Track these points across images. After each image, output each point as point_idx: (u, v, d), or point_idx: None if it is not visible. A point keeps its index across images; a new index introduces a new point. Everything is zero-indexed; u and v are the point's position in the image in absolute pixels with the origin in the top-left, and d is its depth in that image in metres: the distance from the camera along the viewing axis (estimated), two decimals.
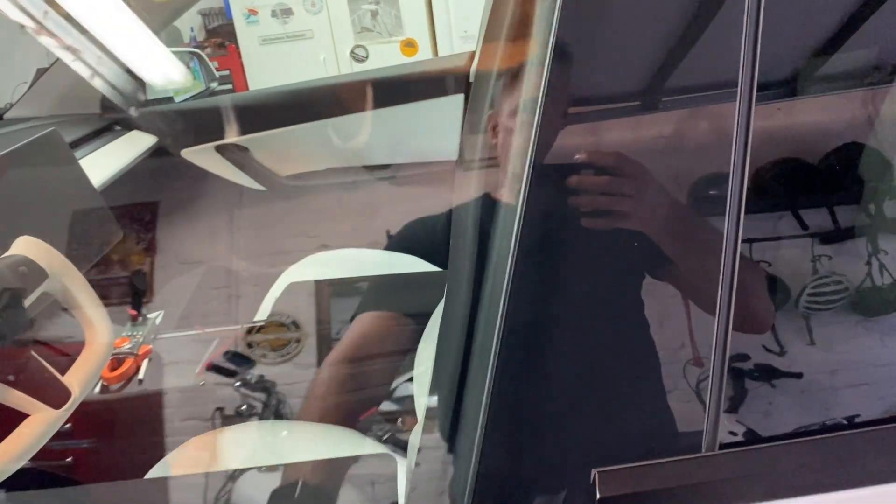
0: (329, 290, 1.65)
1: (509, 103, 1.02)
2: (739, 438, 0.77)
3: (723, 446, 0.73)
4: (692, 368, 0.80)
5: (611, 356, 0.77)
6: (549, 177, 0.71)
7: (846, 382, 0.96)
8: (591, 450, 0.73)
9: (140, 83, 1.65)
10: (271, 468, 1.15)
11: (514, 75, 1.01)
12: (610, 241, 0.74)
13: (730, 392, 0.99)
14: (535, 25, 0.73)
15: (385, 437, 1.39)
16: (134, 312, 1.52)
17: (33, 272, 0.90)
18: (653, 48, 0.73)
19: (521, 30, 0.87)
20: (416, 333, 1.26)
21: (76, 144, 1.67)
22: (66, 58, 1.39)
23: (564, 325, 0.74)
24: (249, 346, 1.59)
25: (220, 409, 1.50)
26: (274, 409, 1.48)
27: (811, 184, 0.98)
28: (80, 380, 0.91)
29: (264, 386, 1.48)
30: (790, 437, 0.79)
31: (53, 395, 0.88)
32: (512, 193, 1.07)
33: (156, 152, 1.73)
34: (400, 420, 1.39)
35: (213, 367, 1.46)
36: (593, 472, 0.71)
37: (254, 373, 1.49)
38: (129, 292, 1.58)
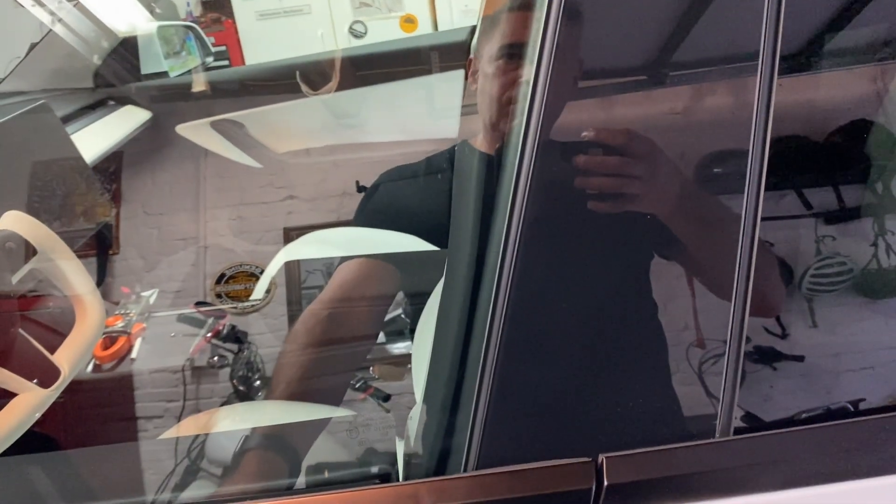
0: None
1: (490, 46, 0.97)
2: (741, 424, 0.75)
3: (738, 431, 0.71)
4: (695, 351, 0.79)
5: (617, 338, 0.75)
6: (552, 153, 0.68)
7: (850, 366, 0.95)
8: (598, 434, 0.71)
9: (105, 30, 1.61)
10: None
11: (498, 15, 0.97)
12: (617, 220, 0.71)
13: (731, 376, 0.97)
14: None
15: (357, 385, 1.37)
16: (127, 290, 1.50)
17: (21, 248, 0.88)
18: (662, 18, 0.70)
19: None
20: (400, 283, 1.21)
21: (69, 119, 1.65)
22: (26, 2, 1.36)
23: (570, 305, 0.72)
24: (219, 296, 1.57)
25: (190, 359, 1.50)
26: (245, 361, 1.46)
27: (816, 162, 0.96)
28: (70, 359, 0.89)
29: (236, 336, 1.46)
30: (805, 423, 0.77)
31: (42, 374, 0.87)
32: (490, 146, 1.03)
33: (149, 127, 1.71)
34: (371, 368, 1.36)
35: (211, 343, 1.45)
36: (601, 457, 0.69)
37: (225, 323, 1.48)
38: (94, 244, 1.57)
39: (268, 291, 1.49)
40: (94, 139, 1.58)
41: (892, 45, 0.94)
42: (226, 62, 3.04)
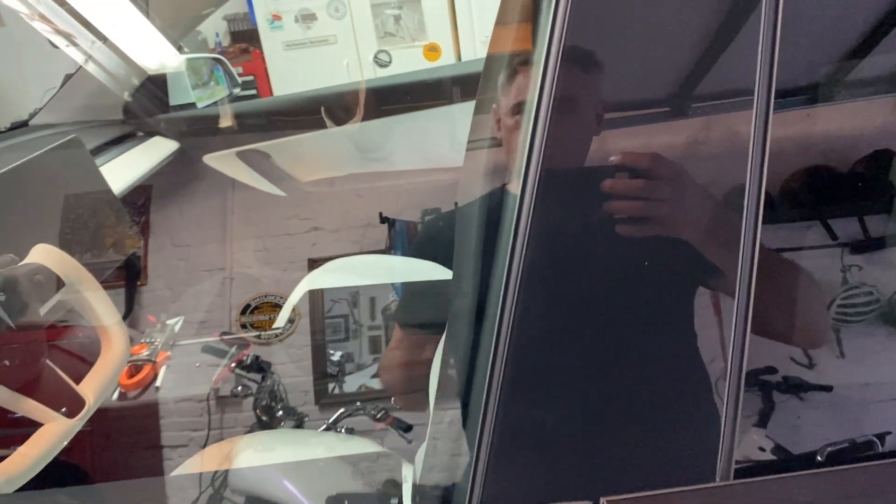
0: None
1: (508, 100, 0.99)
2: (763, 458, 0.74)
3: (739, 474, 0.69)
4: (723, 384, 0.77)
5: (646, 373, 0.74)
6: (573, 181, 0.68)
7: (878, 397, 0.93)
8: (601, 476, 0.69)
9: (135, 68, 1.66)
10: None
11: (514, 70, 0.98)
12: (645, 250, 0.71)
13: (758, 405, 0.96)
14: (540, 24, 0.70)
15: (378, 416, 1.37)
16: (153, 318, 1.53)
17: (49, 281, 0.90)
18: (672, 53, 0.70)
19: (527, 20, 0.84)
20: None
21: (99, 150, 1.69)
22: (60, 43, 1.40)
23: (577, 342, 0.71)
24: (243, 326, 1.59)
25: (214, 389, 1.51)
26: (268, 391, 1.47)
27: (840, 193, 0.94)
28: (95, 389, 0.91)
29: (259, 366, 1.47)
30: (812, 467, 0.75)
31: (68, 404, 0.88)
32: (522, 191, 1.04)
33: (177, 158, 1.74)
34: (393, 399, 1.36)
35: (234, 372, 1.46)
36: (602, 500, 0.68)
37: (249, 353, 1.49)
38: (123, 275, 1.60)
39: (291, 322, 1.50)
40: (123, 171, 1.61)
41: None
42: (253, 91, 3.10)
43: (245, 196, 1.88)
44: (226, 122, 1.72)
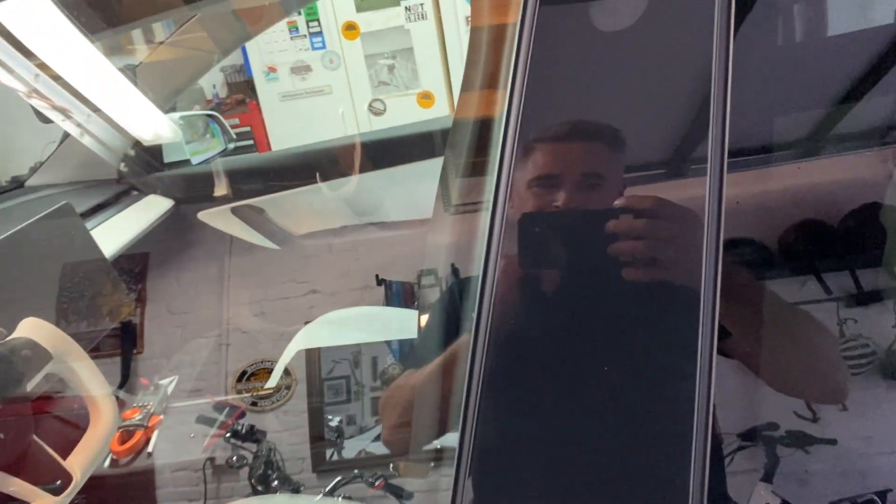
0: None
1: (523, 173, 0.98)
2: None
3: None
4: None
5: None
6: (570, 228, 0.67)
7: (881, 449, 0.92)
8: None
9: (131, 140, 1.68)
10: None
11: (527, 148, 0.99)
12: (649, 300, 0.69)
13: (762, 460, 0.94)
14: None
15: (373, 481, 1.34)
16: (146, 381, 1.51)
17: (37, 354, 0.90)
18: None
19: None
20: None
21: (94, 211, 1.69)
22: (57, 118, 1.42)
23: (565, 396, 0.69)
24: (240, 394, 1.56)
25: (210, 459, 1.48)
26: (264, 460, 1.44)
27: (832, 247, 0.94)
28: (83, 463, 0.89)
29: (255, 436, 1.44)
30: None
31: (55, 480, 0.86)
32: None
33: (172, 216, 1.75)
34: (392, 465, 1.33)
35: (224, 437, 1.44)
36: None
37: (244, 423, 1.47)
38: (119, 344, 1.59)
39: (287, 388, 1.48)
40: (119, 231, 1.61)
41: None
42: (251, 142, 3.13)
43: (242, 261, 1.88)
44: (220, 188, 1.73)
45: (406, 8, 3.01)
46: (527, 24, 0.62)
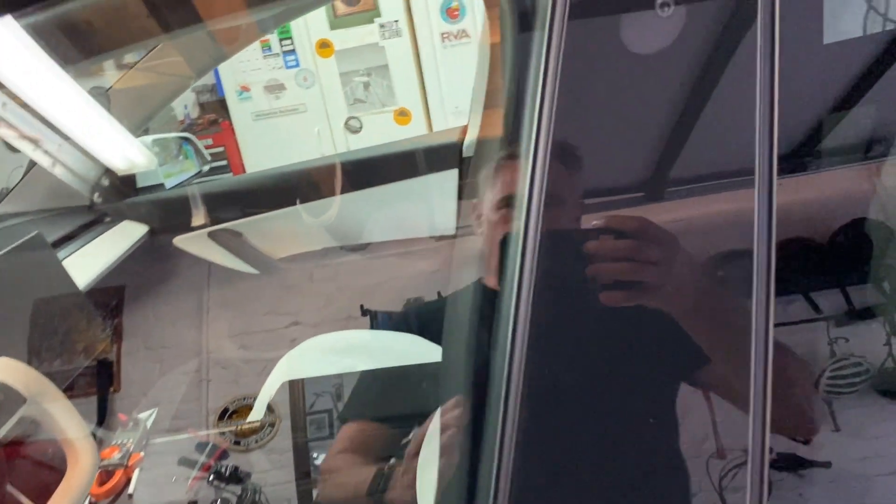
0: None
1: (492, 193, 0.97)
2: None
3: None
4: (715, 463, 0.74)
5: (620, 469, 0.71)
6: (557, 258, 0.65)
7: (879, 470, 0.91)
8: None
9: (104, 169, 1.63)
10: None
11: (498, 167, 0.97)
12: (633, 334, 0.66)
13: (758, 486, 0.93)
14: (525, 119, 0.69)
15: None
16: (124, 417, 1.46)
17: (10, 398, 0.86)
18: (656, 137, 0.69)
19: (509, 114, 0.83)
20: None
21: (67, 239, 1.64)
22: (27, 148, 1.37)
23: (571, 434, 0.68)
24: (222, 433, 1.51)
25: (193, 503, 1.43)
26: (249, 502, 1.39)
27: (821, 265, 0.94)
28: None
29: (238, 477, 1.39)
30: None
31: None
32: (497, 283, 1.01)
33: (147, 242, 1.71)
34: None
35: (207, 479, 1.39)
36: None
37: (227, 464, 1.41)
38: (95, 382, 1.54)
39: (272, 426, 1.44)
40: (91, 260, 1.57)
41: (884, 142, 0.94)
42: (224, 162, 3.09)
43: (221, 292, 1.84)
44: (197, 212, 1.69)
45: (380, 25, 3.00)
46: (554, 39, 0.60)
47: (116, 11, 0.77)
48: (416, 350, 1.42)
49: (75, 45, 0.92)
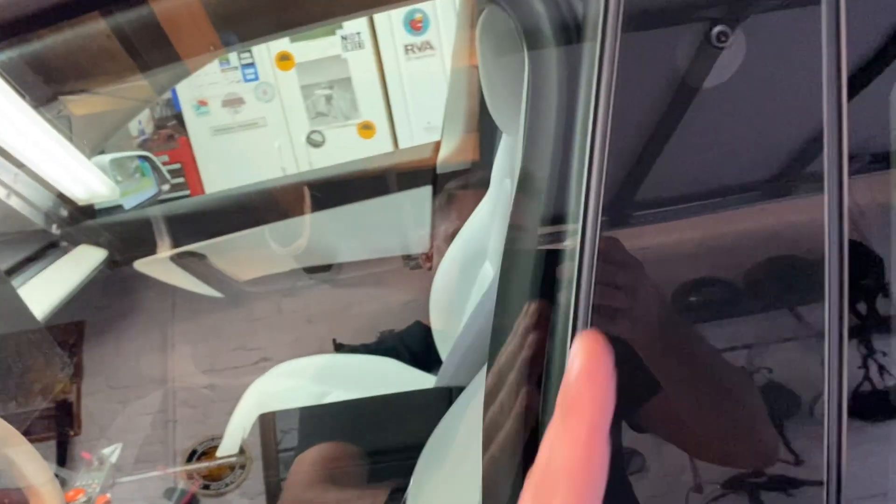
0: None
1: (447, 226, 0.94)
2: None
3: None
4: (695, 497, 0.72)
5: None
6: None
7: (868, 492, 0.91)
8: None
9: (62, 198, 1.55)
10: None
11: (450, 197, 0.95)
12: None
13: None
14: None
15: None
16: (88, 455, 1.39)
17: None
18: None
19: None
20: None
21: (20, 266, 1.56)
22: None
23: None
24: (190, 477, 1.43)
25: None
26: None
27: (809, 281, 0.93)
28: None
29: None
30: None
31: None
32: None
33: (108, 276, 1.63)
34: None
35: None
36: None
37: None
38: (54, 425, 1.45)
39: (243, 468, 1.37)
40: (48, 288, 1.49)
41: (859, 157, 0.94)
42: (181, 179, 3.00)
43: (186, 327, 1.76)
44: (158, 235, 1.63)
45: (342, 37, 2.96)
46: (606, 55, 0.56)
47: (79, 40, 0.72)
48: (395, 375, 1.38)
49: (39, 76, 0.86)
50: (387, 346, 1.44)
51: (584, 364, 0.31)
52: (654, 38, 0.58)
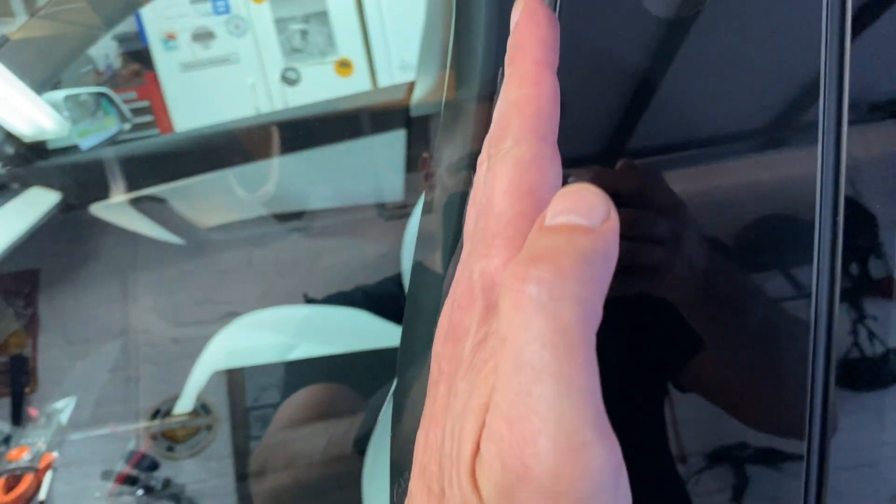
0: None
1: (451, 151, 0.84)
2: None
3: None
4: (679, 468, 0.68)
5: None
6: None
7: (851, 462, 0.87)
8: None
9: (10, 137, 1.44)
10: None
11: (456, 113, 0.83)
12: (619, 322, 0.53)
13: (731, 481, 0.88)
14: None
15: None
16: (35, 412, 1.32)
17: None
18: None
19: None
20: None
21: None
22: None
23: None
24: (153, 437, 1.36)
25: None
26: None
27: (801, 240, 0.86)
28: None
29: (171, 493, 1.25)
30: None
31: None
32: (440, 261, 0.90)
33: (63, 222, 1.53)
34: None
35: (129, 480, 1.26)
36: None
37: (159, 476, 1.27)
38: (7, 381, 1.37)
39: (209, 429, 1.30)
40: None
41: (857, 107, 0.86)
42: (150, 117, 2.87)
43: (149, 277, 1.65)
44: (116, 178, 1.53)
45: None
46: None
47: None
48: (367, 328, 1.32)
49: None
50: (358, 296, 1.37)
51: (524, 9, 0.33)
52: None
